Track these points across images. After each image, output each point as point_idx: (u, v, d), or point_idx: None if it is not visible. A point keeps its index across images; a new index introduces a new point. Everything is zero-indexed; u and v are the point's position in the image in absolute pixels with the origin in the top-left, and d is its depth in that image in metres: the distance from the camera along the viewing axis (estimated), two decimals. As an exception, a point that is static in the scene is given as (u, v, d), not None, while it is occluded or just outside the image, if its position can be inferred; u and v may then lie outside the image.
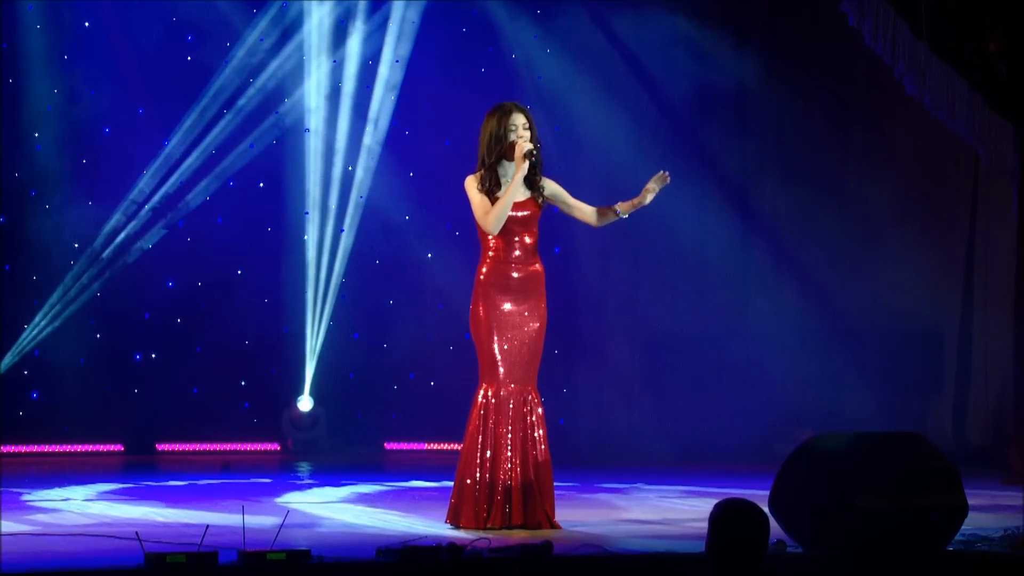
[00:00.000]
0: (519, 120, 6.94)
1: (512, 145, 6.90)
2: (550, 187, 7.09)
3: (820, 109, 13.17)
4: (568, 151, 13.26)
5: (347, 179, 13.12)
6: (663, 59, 13.37)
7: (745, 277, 13.40)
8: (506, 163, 6.95)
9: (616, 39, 13.47)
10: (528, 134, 6.93)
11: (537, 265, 7.05)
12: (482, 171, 6.97)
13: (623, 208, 7.17)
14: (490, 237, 6.97)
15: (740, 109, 13.46)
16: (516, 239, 6.98)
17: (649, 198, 7.17)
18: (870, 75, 12.42)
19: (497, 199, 6.90)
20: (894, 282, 12.71)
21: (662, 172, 7.14)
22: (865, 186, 12.93)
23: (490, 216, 6.86)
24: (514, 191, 6.88)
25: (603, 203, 7.31)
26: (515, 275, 6.99)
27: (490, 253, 6.99)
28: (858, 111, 13.10)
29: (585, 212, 7.18)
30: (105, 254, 12.50)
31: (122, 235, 12.55)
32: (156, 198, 12.61)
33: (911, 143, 12.71)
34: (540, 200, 7.02)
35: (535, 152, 6.88)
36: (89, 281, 12.47)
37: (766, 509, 5.14)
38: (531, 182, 7.02)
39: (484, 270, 7.00)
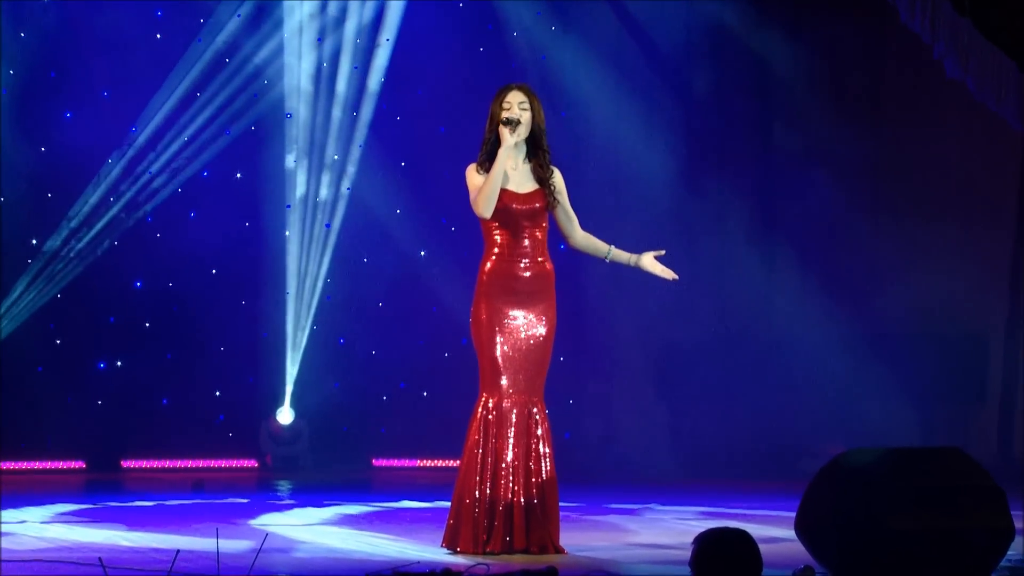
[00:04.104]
0: (515, 97, 6.92)
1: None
2: (558, 182, 7.05)
3: (850, 93, 13.18)
4: (575, 138, 13.26)
5: (332, 169, 13.12)
6: (680, 40, 13.37)
7: (768, 277, 13.40)
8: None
9: (628, 17, 13.47)
10: (527, 114, 6.90)
11: (546, 264, 7.03)
12: (480, 155, 6.96)
13: (615, 255, 7.13)
14: (495, 233, 6.95)
15: (762, 94, 13.46)
16: (524, 234, 6.96)
17: (646, 266, 7.14)
18: (906, 55, 12.42)
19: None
20: (933, 282, 12.71)
21: (670, 272, 7.14)
22: (899, 178, 12.93)
23: (478, 196, 6.83)
24: (501, 166, 6.82)
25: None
26: (522, 274, 6.96)
27: (495, 250, 6.96)
28: (892, 95, 13.11)
29: (574, 227, 7.12)
30: (66, 251, 12.50)
31: (92, 230, 12.54)
32: (125, 189, 12.63)
33: (952, 130, 12.71)
34: (550, 193, 6.98)
35: (513, 120, 6.83)
36: (48, 281, 12.47)
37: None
38: (539, 174, 6.99)
39: (487, 268, 6.98)
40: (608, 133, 13.43)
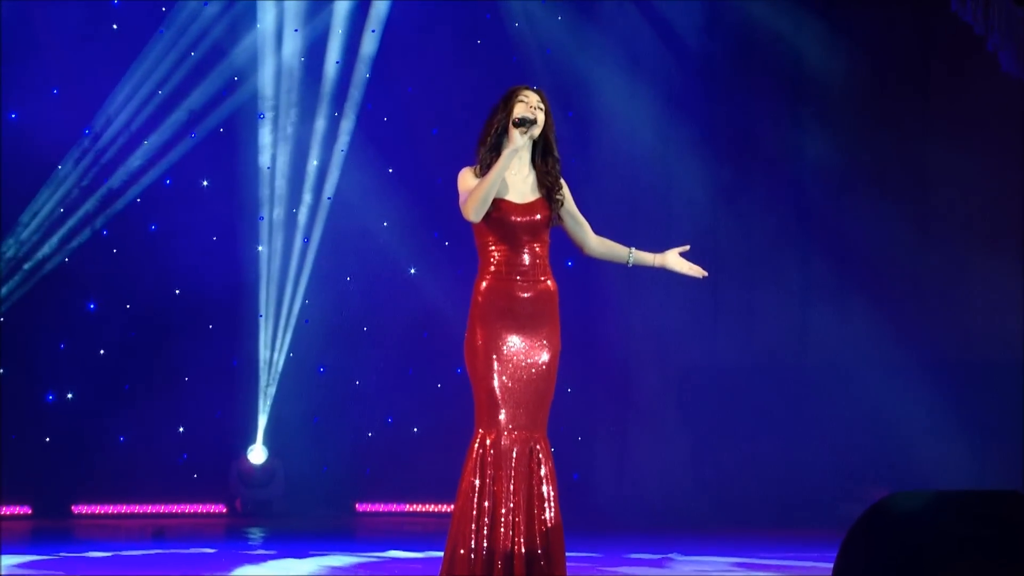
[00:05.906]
0: (532, 97, 6.93)
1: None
2: (563, 189, 7.06)
3: (893, 92, 13.18)
4: (584, 140, 13.26)
5: (312, 176, 13.13)
6: (702, 29, 13.38)
7: (803, 298, 13.39)
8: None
9: (645, 3, 13.49)
10: (541, 115, 6.91)
11: (549, 282, 7.03)
12: (480, 152, 6.95)
13: (637, 257, 7.14)
14: (491, 248, 6.95)
15: (796, 95, 13.47)
16: (523, 250, 6.96)
17: (672, 265, 7.16)
18: (956, 49, 12.43)
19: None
20: (987, 304, 12.71)
21: (699, 269, 7.16)
22: (949, 190, 12.93)
23: (470, 197, 6.82)
24: (503, 167, 6.82)
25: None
26: (521, 295, 6.96)
27: (490, 267, 6.97)
28: (940, 94, 13.11)
29: (587, 234, 7.12)
30: (10, 269, 12.51)
31: (41, 246, 12.55)
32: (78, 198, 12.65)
33: (1006, 133, 12.72)
34: (555, 205, 6.98)
35: (528, 119, 6.82)
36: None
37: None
38: (546, 183, 6.98)
39: (483, 288, 6.98)
40: (622, 134, 13.43)
